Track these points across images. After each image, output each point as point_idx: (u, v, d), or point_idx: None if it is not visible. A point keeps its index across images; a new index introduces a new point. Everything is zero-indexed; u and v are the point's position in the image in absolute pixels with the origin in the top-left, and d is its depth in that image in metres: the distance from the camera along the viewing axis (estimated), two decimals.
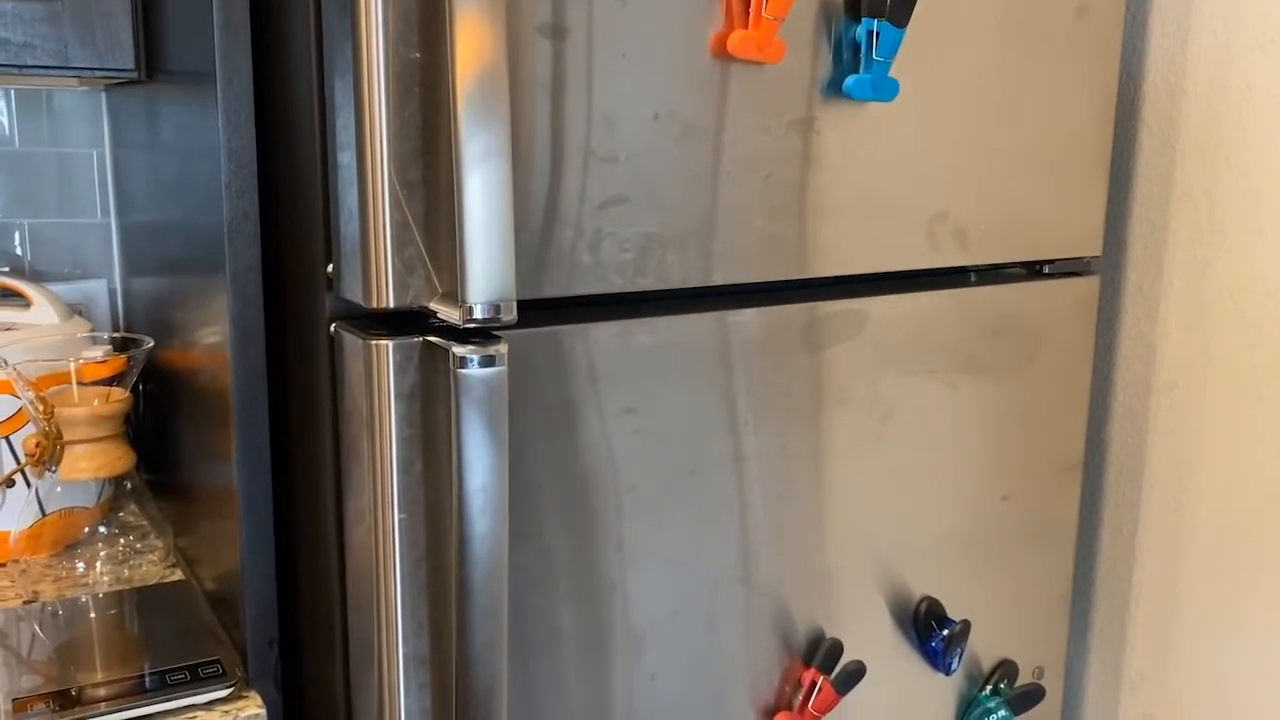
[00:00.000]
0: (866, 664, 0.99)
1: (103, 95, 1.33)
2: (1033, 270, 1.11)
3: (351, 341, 0.76)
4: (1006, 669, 1.12)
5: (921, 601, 1.04)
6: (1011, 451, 1.08)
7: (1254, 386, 1.09)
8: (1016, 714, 1.11)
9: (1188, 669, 1.18)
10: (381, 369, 0.74)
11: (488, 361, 0.71)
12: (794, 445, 0.92)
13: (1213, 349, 1.13)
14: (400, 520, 0.76)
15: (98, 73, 1.01)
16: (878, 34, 0.86)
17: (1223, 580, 1.14)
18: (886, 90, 0.89)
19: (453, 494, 0.73)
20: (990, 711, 1.09)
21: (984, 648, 1.11)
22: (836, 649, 0.96)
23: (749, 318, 0.88)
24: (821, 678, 0.95)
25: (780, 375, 0.91)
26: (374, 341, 0.74)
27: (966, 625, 1.04)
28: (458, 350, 0.71)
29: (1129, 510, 1.23)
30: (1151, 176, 1.18)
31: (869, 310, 0.95)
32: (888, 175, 0.94)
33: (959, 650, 1.04)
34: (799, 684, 0.96)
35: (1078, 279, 1.11)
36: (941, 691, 1.08)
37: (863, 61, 0.88)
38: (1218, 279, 1.12)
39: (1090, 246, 1.12)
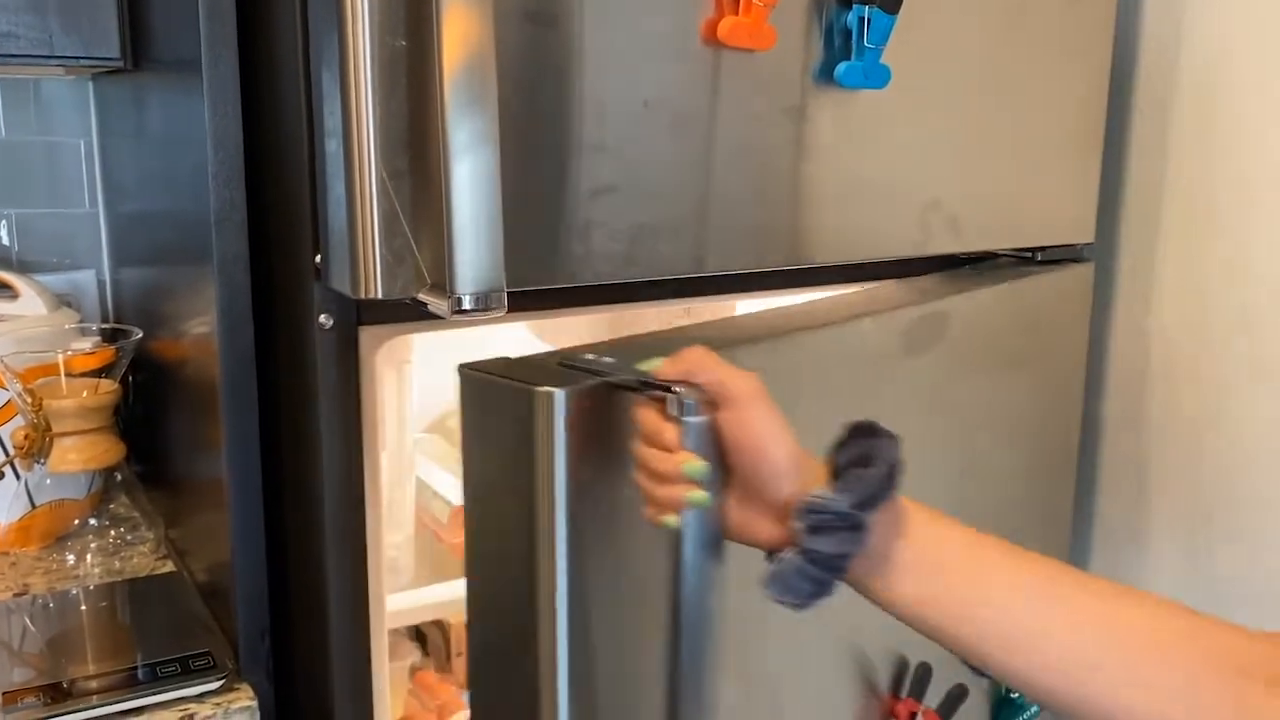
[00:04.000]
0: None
1: (90, 84, 1.32)
2: (1026, 258, 1.11)
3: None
4: None
5: None
6: (1005, 441, 1.08)
7: (1248, 371, 1.09)
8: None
9: None
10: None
11: None
12: None
13: (1207, 335, 1.13)
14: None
15: (84, 62, 1.00)
16: (869, 20, 0.86)
17: (1226, 566, 1.14)
18: (878, 77, 0.89)
19: None
20: (1023, 709, 1.09)
21: None
22: (925, 673, 0.93)
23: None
24: (920, 708, 0.91)
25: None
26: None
27: None
28: None
29: (1127, 497, 1.23)
30: (1144, 162, 1.17)
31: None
32: (880, 163, 0.93)
33: None
34: (893, 718, 0.92)
35: (1071, 266, 1.11)
36: (975, 690, 1.07)
37: (854, 48, 0.87)
38: (1211, 265, 1.12)
39: (1083, 233, 1.11)
